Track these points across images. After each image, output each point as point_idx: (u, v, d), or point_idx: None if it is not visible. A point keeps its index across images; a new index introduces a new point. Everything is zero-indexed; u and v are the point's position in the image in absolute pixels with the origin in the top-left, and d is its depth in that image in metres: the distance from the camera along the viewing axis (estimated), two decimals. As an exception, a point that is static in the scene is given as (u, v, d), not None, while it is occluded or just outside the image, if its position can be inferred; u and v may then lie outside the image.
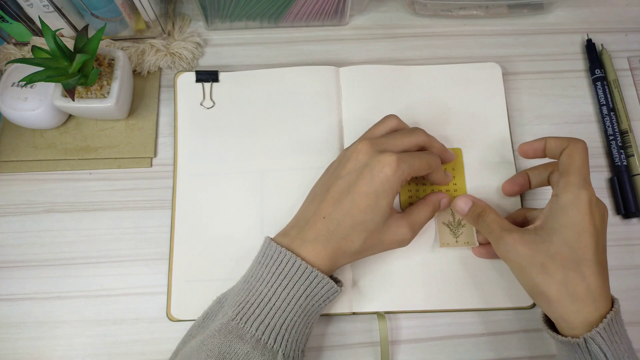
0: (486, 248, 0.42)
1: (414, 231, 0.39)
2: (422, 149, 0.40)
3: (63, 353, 0.41)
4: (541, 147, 0.38)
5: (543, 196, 0.46)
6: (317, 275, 0.35)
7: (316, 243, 0.36)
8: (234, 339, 0.33)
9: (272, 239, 0.37)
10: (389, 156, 0.36)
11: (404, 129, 0.41)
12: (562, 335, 0.34)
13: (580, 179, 0.35)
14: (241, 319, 0.34)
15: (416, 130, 0.40)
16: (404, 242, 0.39)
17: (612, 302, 0.34)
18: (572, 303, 0.33)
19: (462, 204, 0.41)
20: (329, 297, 0.36)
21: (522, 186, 0.43)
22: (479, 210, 0.39)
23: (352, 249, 0.36)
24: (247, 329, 0.33)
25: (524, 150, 0.40)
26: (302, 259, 0.35)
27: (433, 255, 0.43)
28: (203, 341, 0.34)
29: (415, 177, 0.45)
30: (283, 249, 0.35)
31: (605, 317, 0.32)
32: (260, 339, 0.33)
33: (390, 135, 0.40)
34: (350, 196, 0.36)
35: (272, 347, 0.33)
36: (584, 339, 0.32)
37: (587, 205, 0.34)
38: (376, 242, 0.37)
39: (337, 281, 0.37)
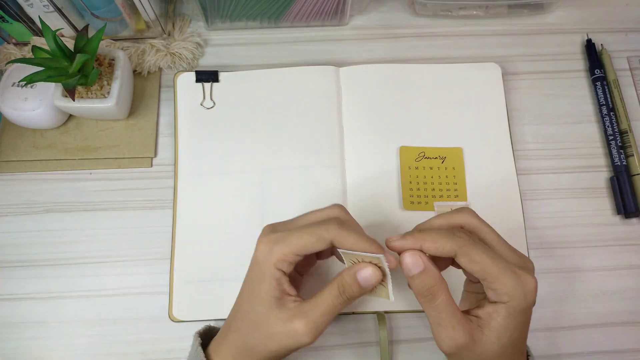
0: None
1: (311, 324, 0.30)
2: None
3: (63, 353, 0.41)
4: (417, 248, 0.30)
5: (545, 196, 0.46)
6: None
7: (223, 339, 0.34)
8: None
9: (200, 333, 0.36)
10: (261, 238, 0.33)
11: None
12: None
13: (506, 285, 0.29)
14: None
15: (334, 206, 0.34)
16: (300, 340, 0.31)
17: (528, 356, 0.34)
18: None
19: (410, 265, 0.30)
20: None
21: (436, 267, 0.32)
22: (429, 284, 0.30)
23: (248, 344, 0.32)
24: None
25: (393, 248, 0.31)
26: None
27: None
28: None
29: (416, 176, 0.44)
30: (199, 348, 0.34)
31: None
32: None
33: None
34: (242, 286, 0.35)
35: None
36: None
37: (522, 316, 0.30)
38: (266, 336, 0.31)
39: None
